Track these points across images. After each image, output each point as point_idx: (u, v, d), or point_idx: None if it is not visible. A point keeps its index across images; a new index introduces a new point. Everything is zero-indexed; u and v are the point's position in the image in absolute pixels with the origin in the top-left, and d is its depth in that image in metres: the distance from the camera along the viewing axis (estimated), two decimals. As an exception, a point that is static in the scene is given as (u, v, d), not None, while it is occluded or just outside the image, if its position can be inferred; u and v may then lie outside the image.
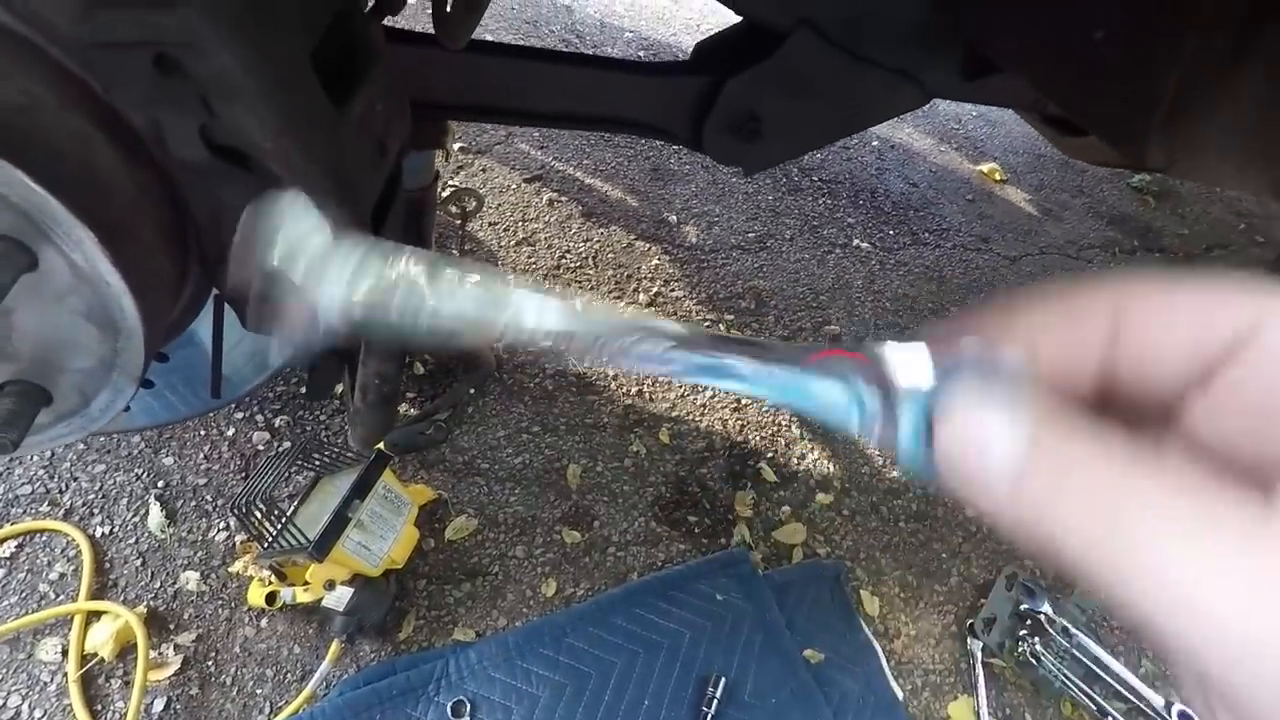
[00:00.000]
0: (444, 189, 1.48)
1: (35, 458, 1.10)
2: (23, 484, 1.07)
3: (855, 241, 1.98)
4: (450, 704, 0.94)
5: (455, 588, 1.09)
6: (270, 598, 0.95)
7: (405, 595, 1.06)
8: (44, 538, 1.03)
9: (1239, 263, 2.22)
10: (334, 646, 0.95)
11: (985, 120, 2.57)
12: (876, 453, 1.47)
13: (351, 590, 0.95)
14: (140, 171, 0.41)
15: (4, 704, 0.90)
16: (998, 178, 2.35)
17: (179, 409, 0.97)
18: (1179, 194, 2.45)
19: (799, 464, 1.41)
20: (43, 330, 0.42)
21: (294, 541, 0.92)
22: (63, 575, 1.00)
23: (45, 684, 0.91)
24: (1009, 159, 2.48)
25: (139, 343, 0.43)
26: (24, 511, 1.05)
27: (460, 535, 1.14)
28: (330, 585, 0.93)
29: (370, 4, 0.54)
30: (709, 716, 1.01)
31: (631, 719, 1.00)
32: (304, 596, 0.93)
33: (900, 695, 1.13)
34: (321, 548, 0.89)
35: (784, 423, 1.47)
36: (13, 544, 1.02)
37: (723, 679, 1.04)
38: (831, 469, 1.41)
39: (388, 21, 0.59)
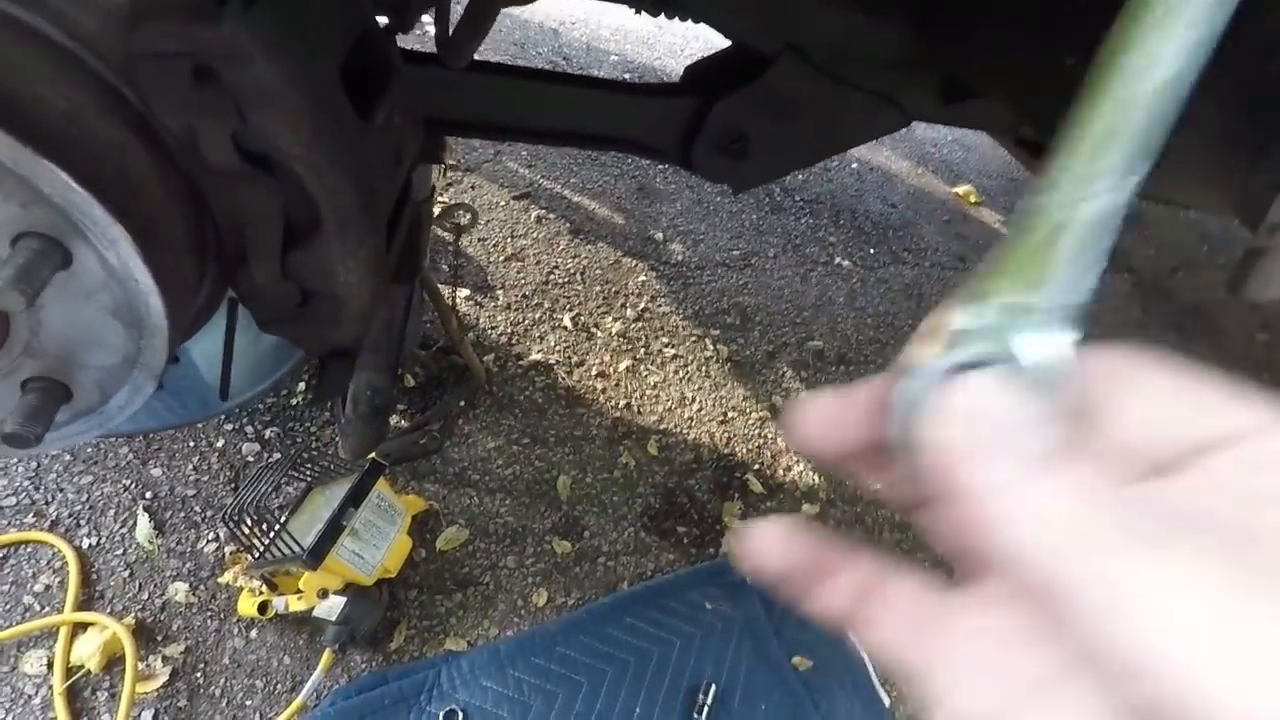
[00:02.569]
0: (436, 205, 1.50)
1: (19, 467, 1.09)
2: (7, 495, 1.07)
3: (837, 260, 2.03)
4: (443, 713, 0.95)
5: (447, 598, 1.09)
6: (263, 607, 0.95)
7: (397, 605, 1.06)
8: (29, 549, 1.02)
9: (1201, 283, 2.30)
10: (326, 656, 0.95)
11: (960, 145, 2.64)
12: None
13: (344, 600, 0.96)
14: (169, 175, 0.43)
15: (-13, 717, 0.88)
16: (973, 200, 2.42)
17: (166, 417, 0.97)
18: (1145, 215, 2.53)
19: (785, 475, 1.43)
20: (70, 327, 0.43)
21: (288, 550, 0.93)
22: (48, 587, 0.99)
23: (30, 697, 0.90)
24: (983, 182, 2.56)
25: (163, 340, 0.44)
26: (8, 523, 1.04)
27: (451, 545, 1.15)
28: (324, 594, 0.93)
29: (384, 23, 0.57)
30: (699, 724, 1.02)
31: (623, 725, 1.00)
32: (297, 605, 0.93)
33: (887, 702, 1.15)
34: (316, 555, 0.90)
35: (769, 435, 1.50)
36: (-3, 555, 1.01)
37: (713, 686, 1.05)
38: (816, 480, 1.44)
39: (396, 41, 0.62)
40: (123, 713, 0.87)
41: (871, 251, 2.11)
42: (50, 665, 0.92)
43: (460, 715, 0.95)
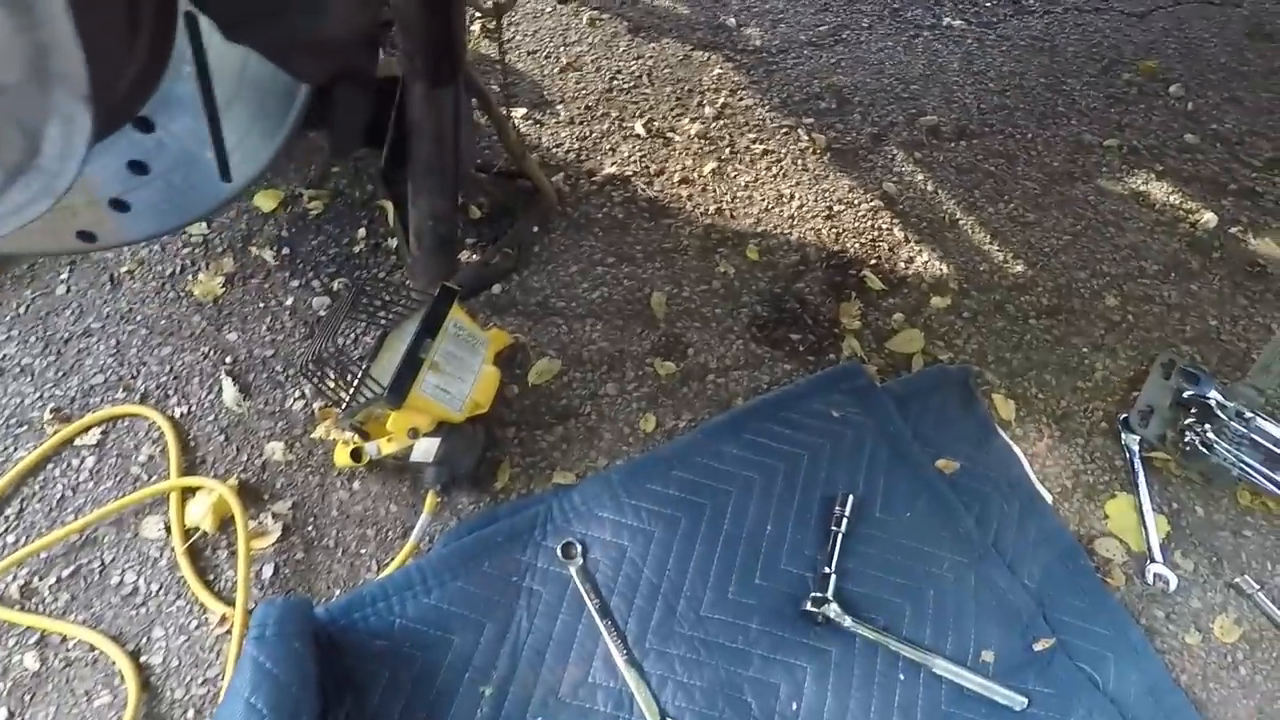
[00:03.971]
0: None
1: (101, 345, 1.06)
2: (95, 373, 1.04)
3: (946, 20, 1.70)
4: (560, 546, 0.88)
5: (547, 432, 1.01)
6: (356, 454, 0.89)
7: (496, 444, 0.99)
8: (126, 423, 1.00)
9: None
10: (429, 499, 0.89)
11: None
12: (994, 248, 1.28)
13: (438, 440, 0.88)
14: None
15: (121, 580, 0.89)
16: (1112, -80, 1.96)
17: (177, 214, 0.83)
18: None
19: (907, 268, 1.24)
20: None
21: (369, 393, 0.85)
22: (151, 457, 0.97)
23: (155, 559, 0.89)
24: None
25: (68, 40, 0.31)
26: (101, 400, 1.02)
27: (544, 378, 1.05)
28: (414, 433, 0.86)
29: None
30: (839, 536, 0.92)
31: (754, 546, 0.92)
32: (389, 448, 0.87)
33: (1049, 498, 1.01)
34: (397, 391, 0.81)
35: (884, 226, 1.30)
36: (97, 431, 0.99)
37: (850, 497, 0.94)
38: (945, 269, 1.24)
39: None
40: (242, 569, 0.85)
41: (988, 5, 1.76)
42: (168, 529, 0.91)
43: (578, 546, 0.88)
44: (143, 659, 0.83)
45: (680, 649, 0.84)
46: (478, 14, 1.24)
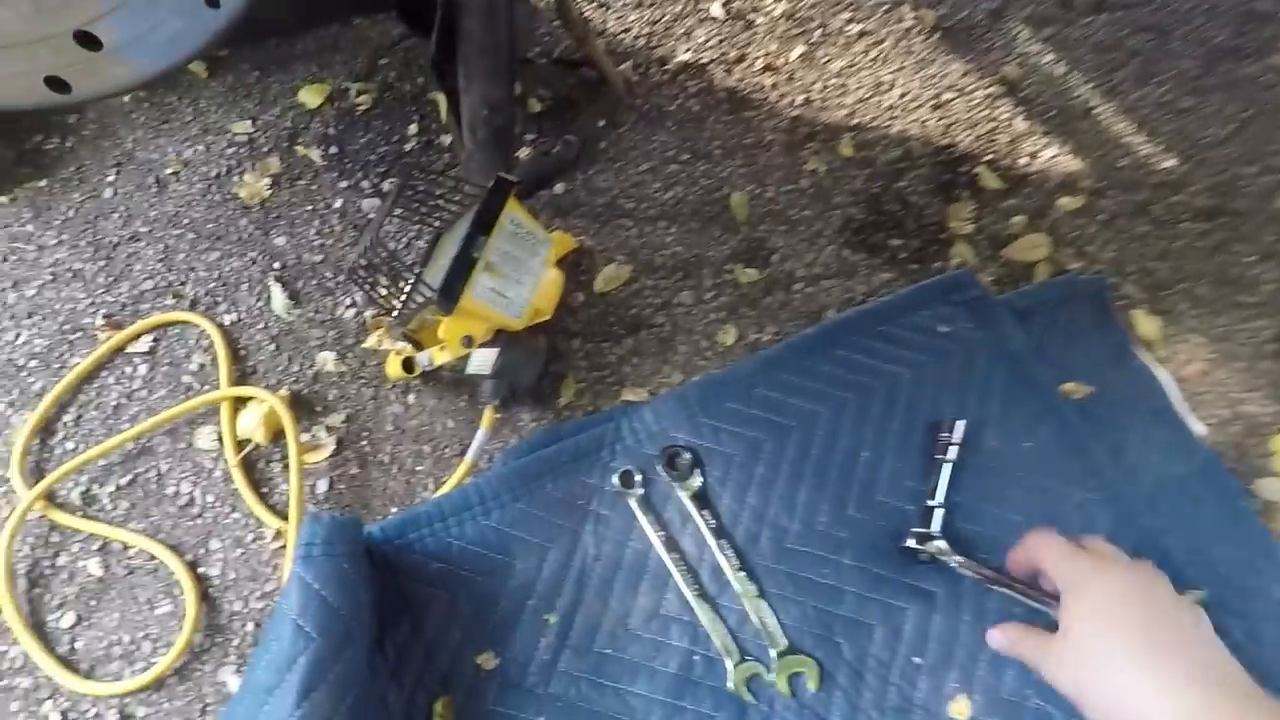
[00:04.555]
0: None
1: (149, 250, 1.01)
2: (144, 279, 0.99)
3: None
4: (619, 474, 0.79)
5: (616, 344, 0.91)
6: (408, 364, 0.82)
7: (560, 358, 0.90)
8: (177, 330, 0.95)
9: None
10: (487, 414, 0.82)
11: None
12: (1138, 140, 1.09)
13: (496, 350, 0.80)
14: None
15: (178, 491, 0.86)
16: None
17: (161, 54, 0.70)
18: None
19: (1030, 165, 1.07)
20: None
21: (419, 297, 0.76)
22: (202, 366, 0.93)
23: (210, 469, 0.86)
24: None
25: None
26: (151, 307, 0.97)
27: (612, 286, 0.95)
28: (468, 341, 0.77)
29: None
30: (947, 466, 0.80)
31: (848, 472, 0.81)
32: (442, 357, 0.79)
33: (1201, 430, 0.86)
34: (448, 293, 0.72)
35: (1004, 116, 1.11)
36: (149, 339, 0.95)
37: (958, 423, 0.82)
38: (1077, 165, 1.06)
39: None
40: (294, 485, 0.81)
41: None
42: (221, 440, 0.87)
43: (639, 476, 0.79)
44: (201, 570, 0.80)
45: (763, 583, 0.75)
46: None
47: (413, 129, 1.10)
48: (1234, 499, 0.81)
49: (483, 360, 0.80)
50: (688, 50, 1.19)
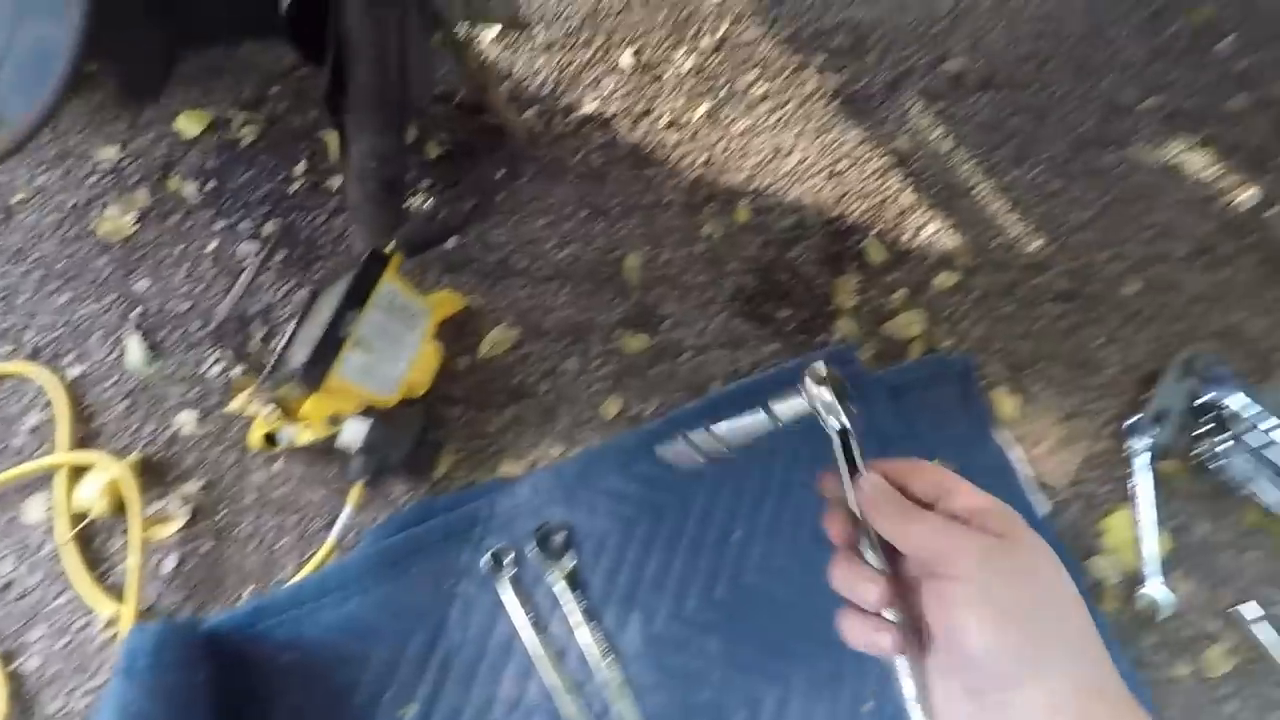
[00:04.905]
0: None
1: (-14, 290, 0.92)
2: (-22, 322, 0.91)
3: (979, -52, 1.50)
4: (490, 554, 0.78)
5: (498, 413, 0.90)
6: (269, 439, 0.78)
7: (438, 426, 0.88)
8: (12, 384, 0.88)
9: None
10: (355, 491, 0.79)
11: None
12: (1011, 220, 1.15)
13: (367, 424, 0.77)
14: None
15: None
16: None
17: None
18: None
19: (914, 238, 1.11)
20: None
21: (283, 370, 0.73)
22: (38, 426, 0.85)
23: (37, 545, 0.79)
24: None
25: None
26: (-15, 354, 0.89)
27: (499, 349, 0.93)
28: (335, 420, 0.74)
29: None
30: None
31: (720, 553, 0.82)
32: (305, 436, 0.76)
33: (1044, 510, 0.92)
34: (312, 375, 0.69)
35: (893, 188, 1.16)
36: (-20, 391, 0.87)
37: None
38: (956, 242, 1.12)
39: None
40: (132, 564, 0.75)
41: (1028, -68, 1.55)
42: (53, 512, 0.80)
43: (510, 556, 0.78)
44: (16, 664, 0.74)
45: (629, 669, 0.76)
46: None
47: (300, 167, 1.04)
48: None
49: (352, 434, 0.77)
50: (594, 100, 1.18)
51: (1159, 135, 1.28)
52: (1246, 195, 1.21)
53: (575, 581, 0.78)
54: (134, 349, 0.89)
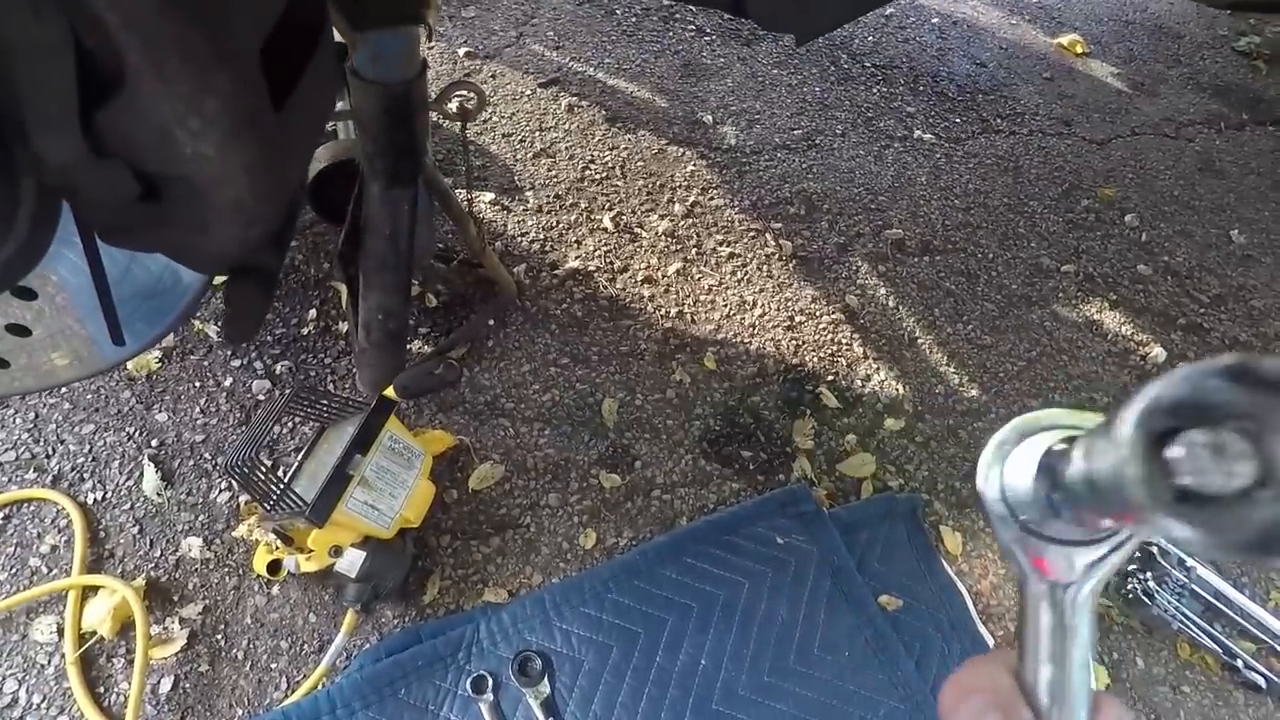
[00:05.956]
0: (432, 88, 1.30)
1: (18, 419, 1.00)
2: (6, 450, 0.98)
3: (917, 133, 1.75)
4: (470, 680, 0.83)
5: (483, 543, 0.97)
6: (273, 567, 0.84)
7: (428, 554, 0.95)
8: (32, 507, 0.94)
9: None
10: (349, 617, 0.85)
11: (1061, -16, 2.24)
12: (950, 370, 1.29)
13: (364, 554, 0.84)
14: None
15: (0, 689, 0.82)
16: (1079, 50, 2.05)
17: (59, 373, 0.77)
18: (1294, 55, 2.11)
19: (864, 386, 1.24)
20: None
21: (291, 504, 0.81)
22: (54, 548, 0.91)
23: (42, 666, 0.83)
24: (1091, 28, 2.17)
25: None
26: (9, 480, 0.96)
27: (485, 484, 1.02)
28: (336, 551, 0.81)
29: None
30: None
31: (687, 681, 0.88)
32: (308, 565, 0.83)
33: (991, 642, 0.99)
34: (319, 512, 0.77)
35: (844, 341, 1.30)
36: None
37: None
38: (901, 390, 1.25)
39: None
40: (136, 684, 0.80)
41: (957, 121, 1.81)
42: (61, 632, 0.85)
43: (489, 681, 0.84)
44: (11, 787, 0.76)
45: (598, 800, 0.80)
46: (443, 119, 1.23)
47: (312, 314, 1.17)
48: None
49: (350, 563, 0.84)
50: (578, 257, 1.34)
51: (1078, 296, 1.46)
52: (1156, 351, 1.38)
53: (551, 708, 0.83)
54: (149, 476, 0.97)
